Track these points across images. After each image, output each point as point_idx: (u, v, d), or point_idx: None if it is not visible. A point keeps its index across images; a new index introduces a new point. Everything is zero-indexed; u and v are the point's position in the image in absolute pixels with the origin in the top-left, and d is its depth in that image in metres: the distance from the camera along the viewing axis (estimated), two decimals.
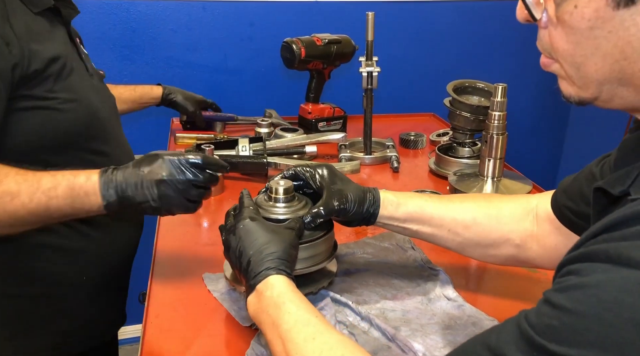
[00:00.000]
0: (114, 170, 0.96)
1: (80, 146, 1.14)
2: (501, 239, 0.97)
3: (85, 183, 0.94)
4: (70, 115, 1.09)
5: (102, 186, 0.94)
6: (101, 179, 0.94)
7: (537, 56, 0.65)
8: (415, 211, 0.98)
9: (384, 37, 1.81)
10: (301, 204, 0.98)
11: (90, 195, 0.94)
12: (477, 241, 0.98)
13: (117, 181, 0.94)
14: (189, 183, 0.95)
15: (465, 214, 0.98)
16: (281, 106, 2.03)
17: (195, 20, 2.18)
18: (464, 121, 1.60)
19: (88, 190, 0.94)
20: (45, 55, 1.05)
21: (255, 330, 0.94)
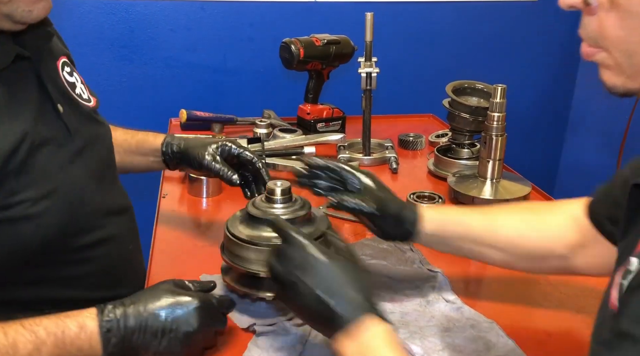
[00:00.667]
0: (117, 308, 0.79)
1: (63, 248, 0.92)
2: (548, 252, 0.95)
3: (76, 336, 0.75)
4: (45, 219, 0.86)
5: (104, 337, 0.76)
6: (101, 328, 0.76)
7: (536, 57, 0.64)
8: (458, 229, 0.96)
9: (383, 38, 1.81)
10: (299, 205, 0.97)
11: (84, 350, 0.76)
12: (524, 256, 0.96)
13: (126, 328, 0.77)
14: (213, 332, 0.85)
15: (511, 230, 0.95)
16: (280, 107, 2.03)
17: (194, 20, 2.18)
18: (463, 122, 1.60)
19: (82, 345, 0.75)
20: (3, 146, 0.82)
21: (252, 332, 0.94)
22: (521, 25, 2.53)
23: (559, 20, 2.55)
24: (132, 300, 0.81)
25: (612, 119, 2.53)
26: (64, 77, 1.01)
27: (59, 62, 1.02)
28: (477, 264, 1.21)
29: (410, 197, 1.45)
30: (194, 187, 1.46)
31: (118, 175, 1.15)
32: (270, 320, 0.95)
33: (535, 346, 0.93)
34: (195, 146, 1.17)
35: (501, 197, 1.39)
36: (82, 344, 0.76)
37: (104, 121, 1.11)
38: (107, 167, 1.09)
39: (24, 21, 0.87)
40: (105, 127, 1.11)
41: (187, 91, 2.24)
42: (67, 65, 1.04)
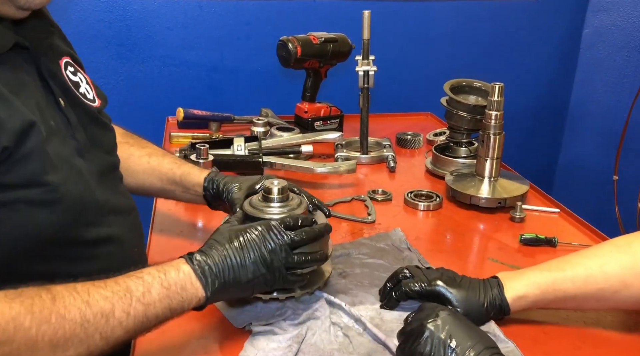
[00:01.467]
0: (200, 255, 0.85)
1: (71, 240, 0.92)
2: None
3: (177, 277, 0.82)
4: (59, 206, 0.87)
5: (201, 278, 0.83)
6: (195, 271, 0.83)
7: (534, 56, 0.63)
8: (551, 297, 0.93)
9: (380, 36, 1.80)
10: (296, 203, 0.97)
11: (188, 290, 0.82)
12: (631, 301, 0.93)
13: (213, 262, 0.84)
14: (289, 247, 0.88)
15: (611, 281, 0.92)
16: (277, 105, 2.02)
17: (191, 18, 2.17)
18: (461, 120, 1.59)
19: (183, 284, 0.82)
20: (13, 125, 0.80)
21: (248, 331, 0.93)
22: (519, 24, 2.52)
23: (557, 19, 2.55)
24: (207, 245, 0.87)
25: (610, 118, 2.53)
26: (67, 76, 1.01)
27: (61, 61, 1.01)
28: (475, 265, 1.21)
29: (408, 195, 1.44)
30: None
31: (122, 178, 1.12)
32: (266, 320, 0.94)
33: (533, 346, 0.93)
34: (231, 181, 1.14)
35: (499, 195, 1.38)
36: (185, 284, 0.82)
37: (109, 123, 1.10)
38: (111, 168, 1.07)
39: (27, 7, 0.88)
40: (110, 130, 1.10)
41: (185, 89, 2.23)
42: (71, 65, 1.03)
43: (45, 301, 0.72)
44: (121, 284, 0.78)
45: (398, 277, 0.99)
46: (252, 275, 0.86)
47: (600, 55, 2.56)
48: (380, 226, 1.32)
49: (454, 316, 0.80)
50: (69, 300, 0.73)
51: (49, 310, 0.71)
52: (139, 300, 0.78)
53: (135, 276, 0.80)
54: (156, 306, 0.79)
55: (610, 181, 2.44)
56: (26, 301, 0.71)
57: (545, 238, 1.25)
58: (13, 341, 0.68)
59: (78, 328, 0.73)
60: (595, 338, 0.96)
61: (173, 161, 1.24)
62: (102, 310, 0.75)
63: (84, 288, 0.76)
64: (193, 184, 1.19)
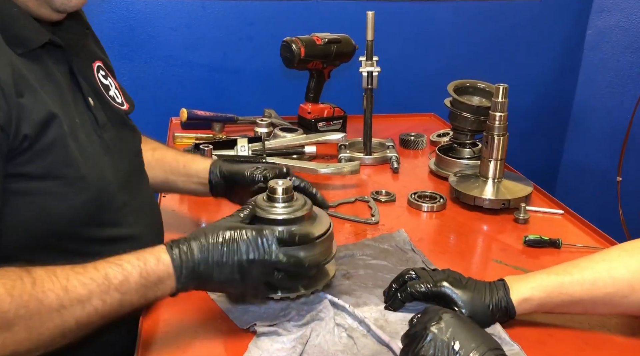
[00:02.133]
0: (182, 244, 0.84)
1: (88, 237, 0.93)
2: None
3: (156, 267, 0.81)
4: (76, 201, 0.88)
5: (176, 268, 0.82)
6: (174, 261, 0.82)
7: (538, 56, 0.63)
8: (557, 301, 0.93)
9: (384, 37, 1.80)
10: (300, 204, 0.97)
11: (165, 281, 0.82)
12: (639, 306, 0.93)
13: (193, 260, 0.83)
14: (273, 265, 0.86)
15: (619, 285, 0.91)
16: (280, 106, 2.02)
17: (194, 19, 2.17)
18: (465, 121, 1.59)
19: (161, 276, 0.82)
20: (36, 115, 0.82)
21: (252, 332, 0.93)
22: (523, 25, 2.52)
23: (561, 19, 2.55)
24: (193, 235, 0.86)
25: (614, 119, 2.53)
26: (99, 79, 1.03)
27: (94, 65, 1.04)
28: (479, 266, 1.21)
29: (412, 196, 1.44)
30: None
31: (148, 180, 1.14)
32: (270, 321, 0.94)
33: (538, 348, 0.93)
34: (244, 166, 1.16)
35: (503, 197, 1.38)
36: (162, 274, 0.82)
37: (135, 128, 1.12)
38: (137, 170, 1.09)
39: (63, 9, 0.90)
40: (137, 134, 1.12)
41: (188, 90, 2.24)
42: (102, 69, 1.06)
43: (25, 285, 0.73)
44: (100, 271, 0.78)
45: (404, 278, 0.99)
46: (225, 278, 0.85)
47: (603, 56, 2.56)
48: (384, 227, 1.32)
49: (457, 319, 0.80)
50: (48, 284, 0.74)
51: (28, 294, 0.72)
52: (116, 289, 0.78)
53: (114, 264, 0.80)
54: (132, 295, 0.80)
55: (613, 182, 2.43)
56: (7, 284, 0.72)
57: (549, 240, 1.25)
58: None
59: (54, 313, 0.74)
60: (599, 340, 0.96)
61: (176, 153, 1.26)
62: (79, 296, 0.75)
63: (63, 273, 0.77)
64: (197, 170, 1.20)
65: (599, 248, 1.26)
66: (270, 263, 0.86)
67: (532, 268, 1.15)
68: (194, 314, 0.99)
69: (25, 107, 0.81)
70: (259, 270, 0.86)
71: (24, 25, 0.86)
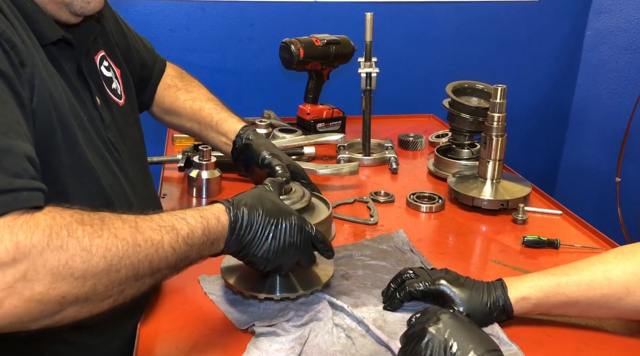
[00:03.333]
0: (238, 208, 0.85)
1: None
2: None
3: (216, 227, 0.82)
4: (85, 201, 0.84)
5: (229, 233, 0.83)
6: (230, 224, 0.83)
7: (536, 57, 0.64)
8: (554, 301, 0.93)
9: (382, 38, 1.81)
10: (298, 196, 0.99)
11: (219, 241, 0.83)
12: (635, 309, 0.93)
13: (243, 227, 0.84)
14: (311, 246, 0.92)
15: (615, 287, 0.92)
16: (280, 107, 2.02)
17: (193, 20, 2.18)
18: (463, 122, 1.59)
19: (218, 236, 0.82)
20: (51, 116, 0.83)
21: (251, 333, 0.93)
22: (522, 26, 2.52)
23: (560, 20, 2.55)
24: (246, 200, 0.86)
25: (613, 120, 2.53)
26: (102, 72, 1.03)
27: (97, 56, 1.04)
28: (477, 266, 1.21)
29: (410, 197, 1.44)
30: (193, 187, 1.46)
31: (152, 179, 1.16)
32: (269, 321, 0.94)
33: (536, 348, 0.93)
34: (266, 143, 1.19)
35: (501, 197, 1.38)
36: (218, 236, 0.82)
37: (134, 117, 1.14)
38: (140, 169, 1.09)
39: (82, 12, 0.92)
40: (136, 124, 1.14)
41: None
42: (105, 59, 1.06)
43: (94, 219, 0.68)
44: (166, 221, 0.76)
45: (402, 278, 1.00)
46: (262, 254, 0.87)
47: (602, 57, 2.56)
48: (383, 228, 1.32)
49: (455, 319, 0.81)
50: (118, 222, 0.70)
51: (99, 226, 0.68)
52: (184, 240, 0.77)
53: (178, 216, 0.78)
54: (193, 250, 0.79)
55: (612, 183, 2.43)
56: (75, 215, 0.67)
57: (547, 240, 1.25)
58: (67, 249, 0.64)
59: (130, 249, 0.69)
60: (597, 340, 0.96)
61: (214, 107, 1.30)
62: (151, 238, 0.72)
63: (129, 217, 0.73)
64: (226, 131, 1.25)
65: (598, 248, 1.26)
66: (302, 254, 0.90)
67: (530, 268, 1.15)
68: (193, 314, 0.99)
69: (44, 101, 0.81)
70: (293, 254, 0.89)
71: (38, 19, 0.87)
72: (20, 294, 0.61)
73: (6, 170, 0.64)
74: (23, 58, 0.77)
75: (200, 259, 0.82)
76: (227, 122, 1.26)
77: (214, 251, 0.83)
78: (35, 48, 0.83)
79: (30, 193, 0.65)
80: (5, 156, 0.65)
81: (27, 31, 0.83)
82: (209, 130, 1.28)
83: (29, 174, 0.67)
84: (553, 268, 0.97)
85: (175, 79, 1.35)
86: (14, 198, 0.63)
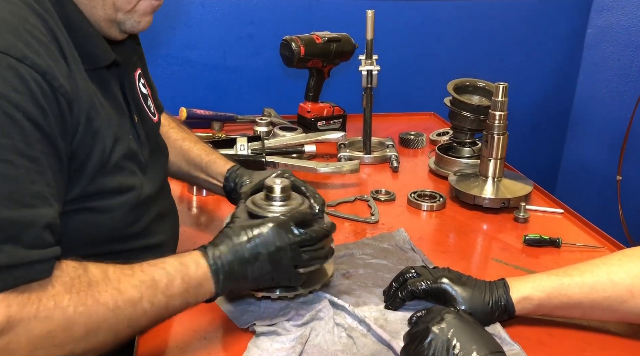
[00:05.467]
0: (213, 249, 0.86)
1: (115, 250, 0.93)
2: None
3: (196, 272, 0.83)
4: (114, 214, 0.90)
5: (214, 273, 0.84)
6: (211, 266, 0.84)
7: (538, 55, 0.63)
8: (556, 302, 0.93)
9: (383, 36, 1.80)
10: (297, 203, 0.97)
11: (204, 285, 0.84)
12: (638, 312, 0.92)
13: (228, 262, 0.85)
14: (300, 243, 0.89)
15: (618, 289, 0.91)
16: (280, 105, 2.02)
17: (194, 18, 2.17)
18: (465, 120, 1.59)
19: (200, 280, 0.83)
20: (105, 143, 0.85)
21: (252, 332, 0.93)
22: (523, 24, 2.52)
23: (561, 18, 2.54)
24: (219, 240, 0.87)
25: (614, 118, 2.52)
26: (139, 89, 1.05)
27: (136, 74, 1.05)
28: (479, 265, 1.21)
29: (411, 196, 1.44)
30: (193, 185, 1.45)
31: (170, 190, 1.15)
32: (269, 320, 0.94)
33: (538, 348, 0.93)
34: (244, 175, 1.16)
35: (502, 196, 1.38)
36: (201, 279, 0.83)
37: (162, 138, 1.14)
38: (164, 182, 1.11)
39: (131, 31, 0.93)
40: (164, 143, 1.14)
41: (187, 89, 2.23)
42: (142, 77, 1.08)
43: (82, 284, 0.73)
44: (147, 274, 0.79)
45: (404, 276, 0.99)
46: (259, 272, 0.87)
47: (604, 55, 2.55)
48: (384, 227, 1.32)
49: (459, 319, 0.80)
50: (103, 285, 0.75)
51: (85, 293, 0.73)
52: (162, 292, 0.80)
53: (159, 267, 0.81)
54: (176, 299, 0.81)
55: (613, 182, 2.43)
56: (66, 282, 0.72)
57: (549, 239, 1.24)
58: (52, 319, 0.69)
59: (110, 313, 0.74)
60: (600, 340, 0.96)
61: (203, 148, 1.27)
62: (131, 298, 0.76)
63: (115, 274, 0.77)
64: (216, 174, 1.22)
65: (599, 247, 1.25)
66: (297, 242, 0.89)
67: (531, 267, 1.15)
68: (193, 314, 0.99)
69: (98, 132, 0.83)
70: (288, 255, 0.88)
71: (97, 43, 0.88)
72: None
73: (24, 243, 0.68)
74: (70, 97, 0.78)
75: (189, 306, 0.84)
76: (216, 164, 1.23)
77: (203, 296, 0.85)
78: (82, 75, 0.83)
79: (43, 265, 0.70)
80: (27, 229, 0.69)
81: (77, 58, 0.83)
82: (198, 172, 1.25)
83: (46, 243, 0.71)
84: (556, 269, 0.96)
85: (169, 119, 1.33)
86: (26, 271, 0.68)
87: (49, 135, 0.74)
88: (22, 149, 0.71)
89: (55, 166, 0.76)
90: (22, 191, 0.70)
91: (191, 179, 1.29)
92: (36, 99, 0.73)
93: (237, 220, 0.93)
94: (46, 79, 0.74)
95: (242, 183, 1.14)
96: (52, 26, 0.80)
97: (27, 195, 0.70)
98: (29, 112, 0.72)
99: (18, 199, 0.69)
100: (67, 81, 0.78)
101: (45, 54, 0.75)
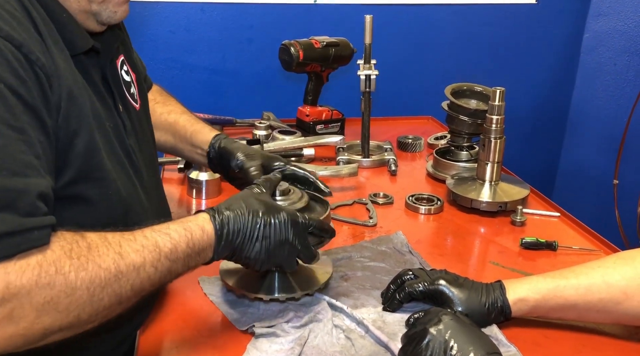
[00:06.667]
0: (221, 215, 0.85)
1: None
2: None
3: (201, 238, 0.83)
4: (104, 204, 0.89)
5: (217, 241, 0.85)
6: (216, 232, 0.84)
7: (535, 60, 0.64)
8: (552, 303, 0.94)
9: (382, 40, 1.81)
10: (297, 197, 0.99)
11: (206, 251, 0.84)
12: (633, 314, 0.93)
13: (231, 232, 0.85)
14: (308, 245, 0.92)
15: (613, 291, 0.92)
16: (279, 109, 2.03)
17: (193, 22, 2.18)
18: (462, 124, 1.60)
19: (204, 246, 0.84)
20: (91, 125, 0.84)
21: (251, 334, 0.94)
22: (520, 28, 2.53)
23: (558, 23, 2.56)
24: (230, 205, 0.87)
25: (611, 122, 2.53)
26: (122, 76, 1.03)
27: (118, 61, 1.04)
28: (476, 268, 1.22)
29: (409, 199, 1.45)
30: (193, 188, 1.46)
31: (161, 182, 1.16)
32: (268, 322, 0.95)
33: (535, 349, 0.93)
34: (239, 147, 1.17)
35: (500, 199, 1.39)
36: (205, 245, 0.84)
37: (149, 123, 1.13)
38: (152, 171, 1.09)
39: (108, 22, 0.93)
40: (150, 131, 1.13)
41: (186, 93, 2.24)
42: (125, 64, 1.06)
43: (82, 249, 0.72)
44: (150, 239, 0.79)
45: (402, 279, 1.00)
46: (255, 255, 0.88)
47: (600, 60, 2.57)
48: (382, 230, 1.33)
49: (457, 321, 0.81)
50: (103, 249, 0.74)
51: (85, 257, 0.71)
52: (166, 256, 0.79)
53: (162, 232, 0.81)
54: (179, 264, 0.81)
55: (610, 185, 2.44)
56: (65, 246, 0.71)
57: (545, 242, 1.25)
58: (54, 285, 0.68)
59: (112, 278, 0.73)
60: (596, 342, 0.97)
61: (188, 119, 1.27)
62: (133, 262, 0.75)
63: (114, 239, 0.76)
64: (201, 142, 1.22)
65: (595, 250, 1.26)
66: (298, 249, 0.91)
67: (528, 270, 1.16)
68: (193, 315, 1.00)
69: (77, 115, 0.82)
70: (285, 254, 0.90)
71: (73, 29, 0.87)
72: (5, 330, 0.65)
73: (19, 210, 0.67)
74: (49, 72, 0.77)
75: (189, 270, 0.84)
76: (201, 133, 1.23)
77: (202, 261, 0.85)
78: (63, 57, 0.83)
79: (41, 232, 0.68)
80: (21, 196, 0.68)
81: (58, 41, 0.83)
82: (184, 143, 1.25)
83: (41, 211, 0.69)
84: (552, 271, 0.97)
85: (155, 93, 1.33)
86: (25, 238, 0.67)
87: (32, 107, 0.73)
88: (8, 119, 0.69)
89: (44, 141, 0.75)
90: (12, 159, 0.69)
91: (177, 152, 1.30)
92: (15, 69, 0.72)
93: (255, 192, 0.93)
94: (22, 52, 0.73)
95: (238, 160, 1.14)
96: (26, 4, 0.79)
97: (18, 164, 0.69)
98: (9, 83, 0.70)
99: (8, 167, 0.68)
100: (43, 55, 0.76)
101: (18, 28, 0.75)
